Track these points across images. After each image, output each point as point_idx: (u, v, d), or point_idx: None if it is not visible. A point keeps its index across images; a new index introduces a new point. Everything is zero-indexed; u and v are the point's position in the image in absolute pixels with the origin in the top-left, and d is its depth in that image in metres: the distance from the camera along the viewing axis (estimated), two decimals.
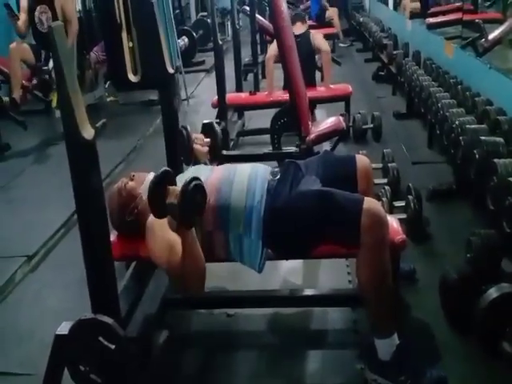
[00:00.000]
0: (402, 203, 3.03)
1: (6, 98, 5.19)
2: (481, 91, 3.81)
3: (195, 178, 1.80)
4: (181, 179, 2.14)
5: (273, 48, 4.85)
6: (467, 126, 3.23)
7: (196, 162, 2.49)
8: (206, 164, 2.38)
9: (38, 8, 5.24)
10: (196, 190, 1.78)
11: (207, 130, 2.36)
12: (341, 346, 2.28)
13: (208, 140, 2.31)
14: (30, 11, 5.28)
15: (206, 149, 2.28)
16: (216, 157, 2.39)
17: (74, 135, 1.60)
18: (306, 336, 2.37)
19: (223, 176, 2.13)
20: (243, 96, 5.19)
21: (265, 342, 2.35)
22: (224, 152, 3.82)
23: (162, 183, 1.83)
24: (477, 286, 2.18)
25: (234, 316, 2.46)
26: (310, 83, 4.80)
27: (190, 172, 2.24)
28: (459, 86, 4.04)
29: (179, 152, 2.47)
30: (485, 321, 2.06)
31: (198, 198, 1.79)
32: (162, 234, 1.95)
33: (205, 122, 2.46)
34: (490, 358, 2.06)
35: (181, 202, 1.76)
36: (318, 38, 5.13)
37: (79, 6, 6.41)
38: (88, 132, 1.62)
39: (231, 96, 4.82)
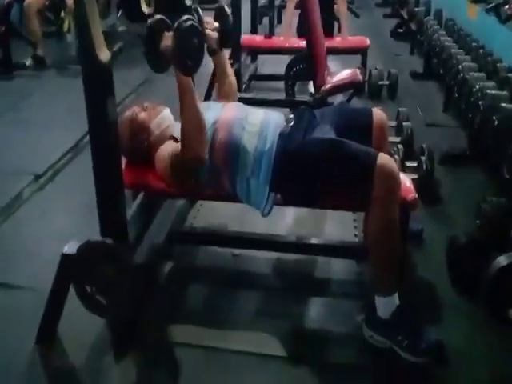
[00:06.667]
0: (414, 163, 3.00)
1: (29, 61, 5.04)
2: (503, 57, 3.72)
3: (190, 19, 1.74)
4: None
5: None
6: (487, 91, 3.15)
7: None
8: (214, 49, 2.27)
9: None
10: (192, 30, 1.72)
11: (219, 14, 2.23)
12: (343, 295, 2.28)
13: (217, 25, 2.20)
14: None
15: (215, 34, 2.17)
16: (225, 45, 2.27)
17: (89, 56, 1.56)
18: (309, 282, 2.37)
19: (235, 116, 2.08)
20: (258, 39, 5.04)
21: (267, 284, 2.35)
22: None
23: (157, 29, 1.78)
24: (485, 252, 2.16)
25: (239, 256, 2.46)
26: (328, 33, 4.67)
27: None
28: (481, 50, 3.94)
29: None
30: (493, 288, 2.05)
31: (194, 39, 1.73)
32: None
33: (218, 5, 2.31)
34: (495, 321, 2.07)
35: (176, 41, 1.70)
36: None
37: None
38: (104, 54, 1.57)
39: (246, 38, 4.67)
